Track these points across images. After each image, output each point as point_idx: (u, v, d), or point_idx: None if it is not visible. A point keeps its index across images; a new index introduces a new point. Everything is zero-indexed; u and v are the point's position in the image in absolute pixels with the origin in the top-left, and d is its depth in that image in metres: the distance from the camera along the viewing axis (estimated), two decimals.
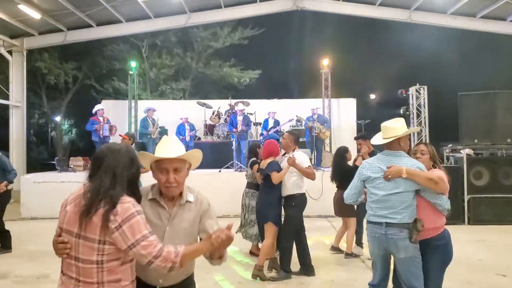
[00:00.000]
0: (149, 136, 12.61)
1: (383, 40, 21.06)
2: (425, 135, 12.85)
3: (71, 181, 10.48)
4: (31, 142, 20.93)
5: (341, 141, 12.38)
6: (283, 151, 6.07)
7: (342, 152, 6.98)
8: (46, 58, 19.68)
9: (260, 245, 6.24)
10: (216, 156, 12.06)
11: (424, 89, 13.07)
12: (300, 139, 12.41)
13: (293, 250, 5.83)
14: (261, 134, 12.73)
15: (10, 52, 14.94)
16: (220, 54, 22.73)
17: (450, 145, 10.45)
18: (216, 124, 13.54)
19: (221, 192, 9.53)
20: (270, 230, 5.63)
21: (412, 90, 13.14)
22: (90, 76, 22.08)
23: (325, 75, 14.14)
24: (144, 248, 2.09)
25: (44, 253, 7.19)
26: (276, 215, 5.65)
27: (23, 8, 12.57)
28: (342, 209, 6.65)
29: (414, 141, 12.68)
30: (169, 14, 15.11)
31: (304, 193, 5.83)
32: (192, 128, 12.85)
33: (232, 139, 12.03)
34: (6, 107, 14.95)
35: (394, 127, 3.67)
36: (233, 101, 13.72)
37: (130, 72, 14.55)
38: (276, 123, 12.85)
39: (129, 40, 20.37)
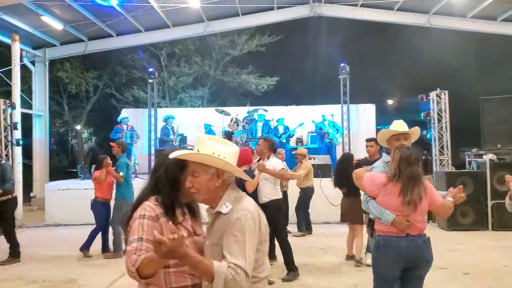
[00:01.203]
0: (171, 143, 12.87)
1: (401, 45, 20.86)
2: (446, 140, 12.65)
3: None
4: (52, 151, 21.23)
5: (360, 147, 12.30)
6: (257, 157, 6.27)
7: (349, 159, 6.96)
8: (67, 68, 20.03)
9: None
10: None
11: (445, 94, 12.86)
12: (314, 145, 12.48)
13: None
14: None
15: (33, 63, 15.28)
16: (237, 62, 22.82)
17: (475, 150, 10.31)
18: (235, 131, 13.61)
19: None
20: None
21: (432, 95, 12.96)
22: (110, 85, 22.39)
23: (343, 80, 14.08)
24: (125, 253, 1.97)
25: (70, 258, 7.33)
26: None
27: (46, 19, 12.87)
28: (349, 215, 6.67)
29: (435, 146, 12.52)
30: (187, 23, 15.26)
31: (281, 198, 6.02)
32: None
33: (251, 146, 12.04)
34: (29, 116, 15.26)
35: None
36: (251, 108, 13.77)
37: (150, 81, 14.74)
38: (286, 129, 12.89)
39: (148, 49, 20.65)
